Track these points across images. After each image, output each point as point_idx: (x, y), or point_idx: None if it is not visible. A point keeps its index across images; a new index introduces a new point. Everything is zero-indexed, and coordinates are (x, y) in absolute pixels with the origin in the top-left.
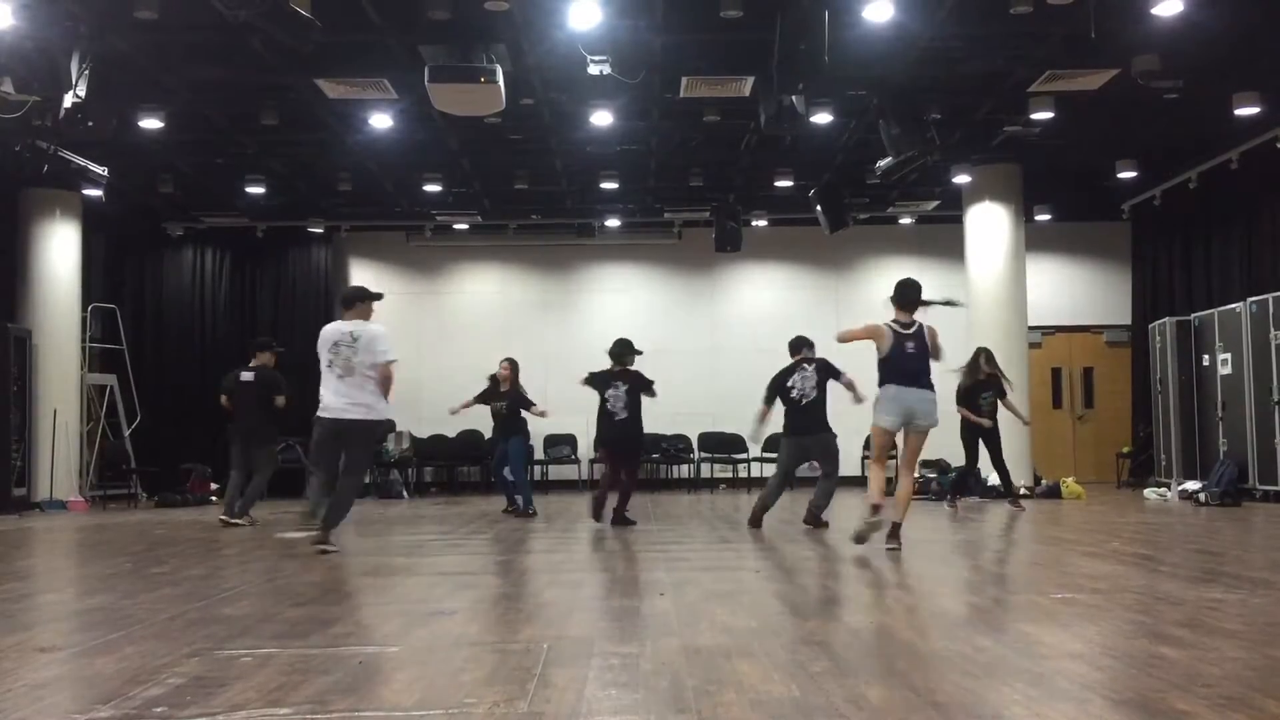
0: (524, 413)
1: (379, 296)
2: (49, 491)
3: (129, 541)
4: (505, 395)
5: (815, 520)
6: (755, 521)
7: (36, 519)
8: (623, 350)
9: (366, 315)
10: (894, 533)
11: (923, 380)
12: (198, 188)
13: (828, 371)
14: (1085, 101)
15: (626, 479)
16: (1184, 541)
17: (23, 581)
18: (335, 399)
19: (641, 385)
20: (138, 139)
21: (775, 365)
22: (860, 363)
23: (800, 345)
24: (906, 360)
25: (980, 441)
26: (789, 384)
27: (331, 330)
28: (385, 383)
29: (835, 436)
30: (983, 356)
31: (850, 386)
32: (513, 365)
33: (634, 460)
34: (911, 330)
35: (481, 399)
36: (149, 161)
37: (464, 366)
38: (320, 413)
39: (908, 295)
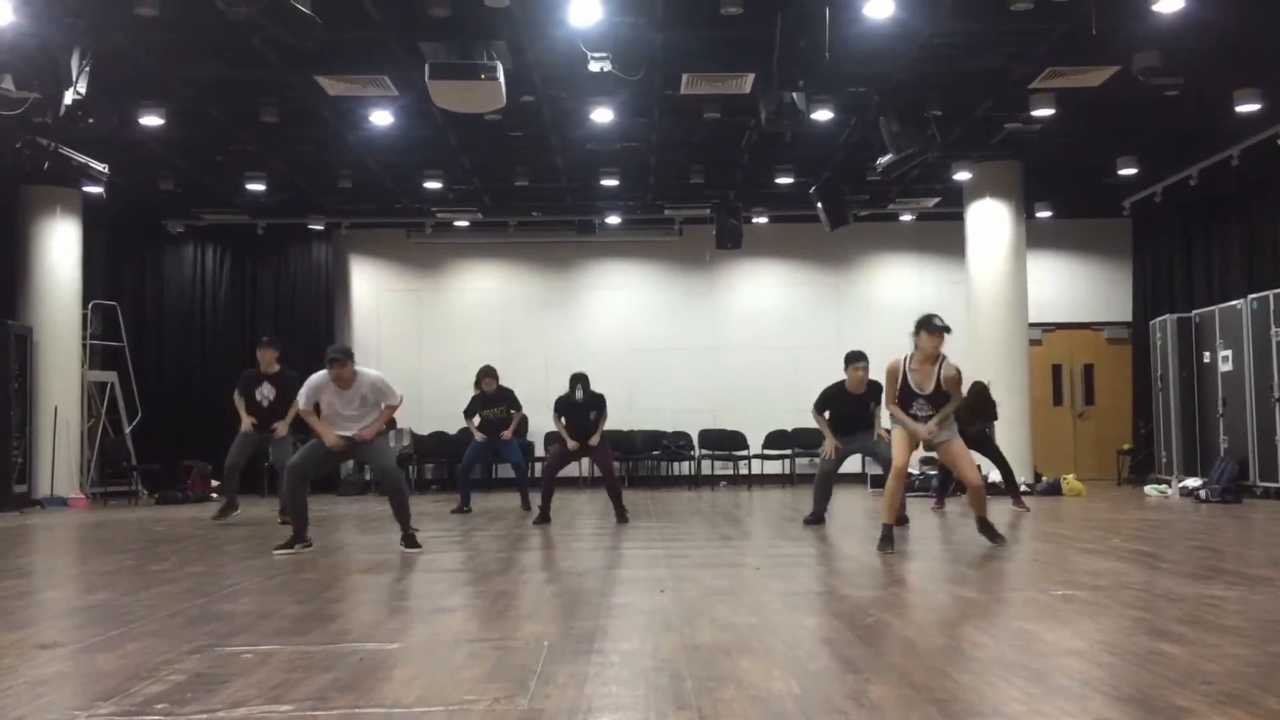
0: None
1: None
2: (50, 488)
3: (130, 538)
4: (499, 398)
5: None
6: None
7: (37, 516)
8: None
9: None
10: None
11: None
12: (198, 185)
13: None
14: (1086, 98)
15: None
16: (1184, 538)
17: (23, 578)
18: None
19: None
20: (138, 136)
21: (775, 362)
22: None
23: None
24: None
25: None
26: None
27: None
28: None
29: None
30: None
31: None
32: (493, 372)
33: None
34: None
35: (474, 412)
36: (149, 158)
37: (464, 364)
38: None
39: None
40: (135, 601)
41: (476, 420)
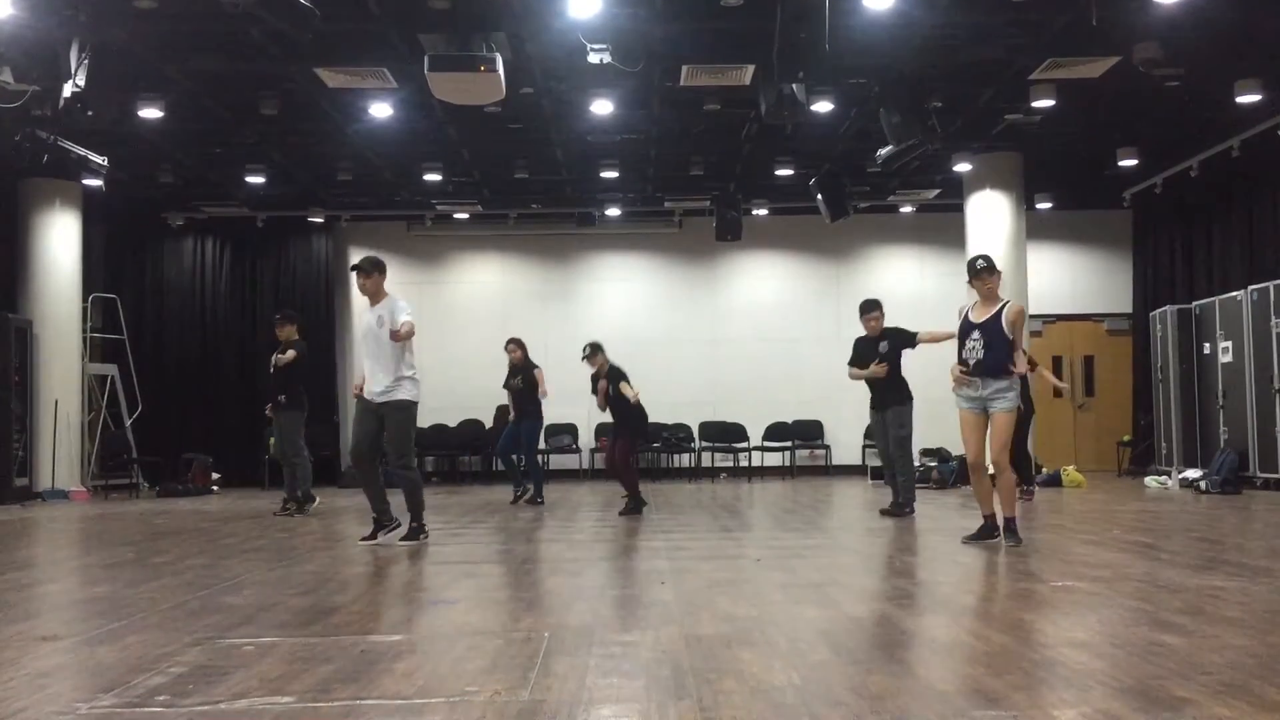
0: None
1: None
2: (51, 481)
3: (131, 531)
4: (518, 368)
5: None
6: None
7: (38, 509)
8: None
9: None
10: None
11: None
12: (198, 177)
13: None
14: (1086, 89)
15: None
16: (1184, 529)
17: (25, 571)
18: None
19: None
20: (137, 128)
21: (775, 354)
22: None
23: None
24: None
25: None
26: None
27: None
28: None
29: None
30: None
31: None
32: (519, 344)
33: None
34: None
35: (506, 383)
36: (149, 151)
37: (464, 356)
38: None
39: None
40: (136, 594)
41: (508, 396)
